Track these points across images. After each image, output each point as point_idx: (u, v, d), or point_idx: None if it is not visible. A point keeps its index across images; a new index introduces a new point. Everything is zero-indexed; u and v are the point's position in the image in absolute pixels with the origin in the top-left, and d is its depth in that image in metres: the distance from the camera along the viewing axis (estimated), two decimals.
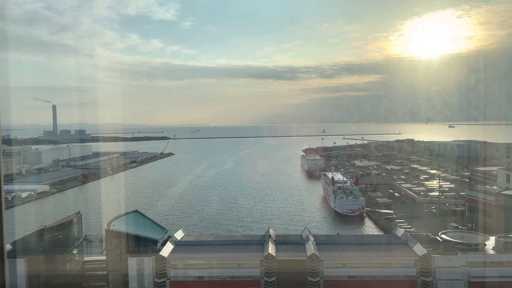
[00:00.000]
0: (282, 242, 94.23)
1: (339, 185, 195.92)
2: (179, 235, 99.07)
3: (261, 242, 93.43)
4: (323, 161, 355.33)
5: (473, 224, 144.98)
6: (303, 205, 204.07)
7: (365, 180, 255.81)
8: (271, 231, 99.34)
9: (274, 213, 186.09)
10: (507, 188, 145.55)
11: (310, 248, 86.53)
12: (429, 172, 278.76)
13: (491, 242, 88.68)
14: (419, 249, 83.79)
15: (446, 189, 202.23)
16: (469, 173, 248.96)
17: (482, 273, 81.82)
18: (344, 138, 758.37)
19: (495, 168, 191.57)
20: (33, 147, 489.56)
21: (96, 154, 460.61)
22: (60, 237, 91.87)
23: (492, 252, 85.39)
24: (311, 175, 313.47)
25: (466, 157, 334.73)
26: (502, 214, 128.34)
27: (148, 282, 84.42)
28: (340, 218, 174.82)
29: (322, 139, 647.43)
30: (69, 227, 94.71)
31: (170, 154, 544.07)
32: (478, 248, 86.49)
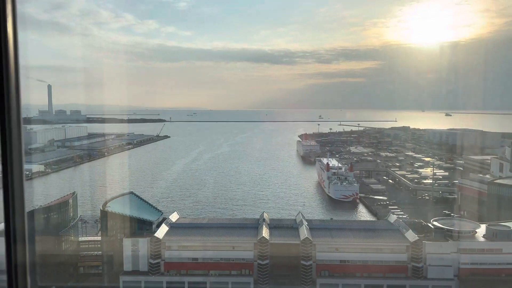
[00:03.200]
0: (276, 226, 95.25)
1: (334, 171, 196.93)
2: (174, 217, 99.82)
3: (255, 226, 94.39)
4: (319, 147, 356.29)
5: (465, 212, 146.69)
6: (298, 190, 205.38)
7: (359, 166, 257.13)
8: (266, 215, 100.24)
9: (269, 197, 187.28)
10: (500, 177, 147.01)
11: (304, 232, 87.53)
12: (424, 160, 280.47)
13: (481, 230, 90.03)
14: (411, 236, 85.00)
15: (440, 177, 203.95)
16: (463, 162, 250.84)
17: (471, 260, 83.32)
18: (340, 124, 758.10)
19: (489, 157, 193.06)
20: (28, 126, 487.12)
21: (92, 135, 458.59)
22: (55, 217, 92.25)
23: (482, 239, 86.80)
24: (306, 160, 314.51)
25: (461, 146, 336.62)
26: (494, 203, 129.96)
27: (143, 263, 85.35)
28: (334, 203, 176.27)
29: (318, 125, 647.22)
30: (65, 208, 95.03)
31: (166, 136, 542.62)
32: (468, 235, 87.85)
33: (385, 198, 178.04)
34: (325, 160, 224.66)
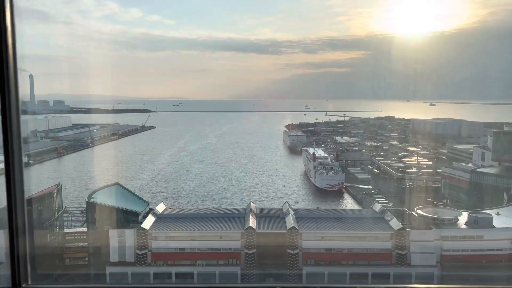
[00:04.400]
0: (262, 215, 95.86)
1: (320, 160, 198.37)
2: (160, 208, 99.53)
3: (242, 216, 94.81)
4: (305, 137, 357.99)
5: (448, 200, 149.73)
6: (284, 180, 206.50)
7: (345, 156, 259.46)
8: (252, 205, 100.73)
9: (256, 187, 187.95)
10: (482, 166, 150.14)
11: (290, 221, 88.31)
12: (408, 149, 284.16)
13: (463, 218, 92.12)
14: (395, 224, 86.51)
15: (424, 166, 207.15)
16: (446, 151, 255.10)
17: (454, 246, 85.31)
18: (326, 115, 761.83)
19: (471, 146, 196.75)
20: None
21: (76, 126, 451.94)
22: (39, 209, 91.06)
23: (464, 227, 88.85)
24: (293, 150, 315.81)
25: (445, 135, 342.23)
26: (476, 191, 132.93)
27: (129, 254, 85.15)
28: (320, 193, 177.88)
29: (305, 115, 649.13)
30: (49, 199, 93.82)
31: (151, 127, 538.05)
32: (451, 223, 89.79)
33: (370, 187, 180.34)
34: (311, 150, 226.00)
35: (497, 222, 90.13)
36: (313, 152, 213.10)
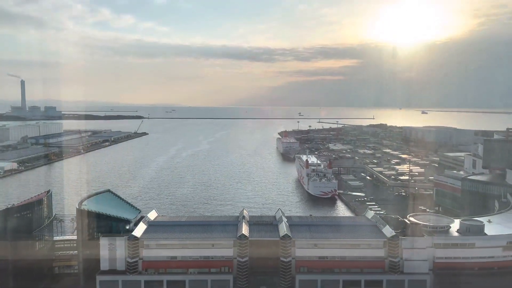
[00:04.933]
0: (255, 223, 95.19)
1: (313, 167, 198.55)
2: (152, 215, 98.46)
3: (235, 223, 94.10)
4: (298, 144, 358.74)
5: (440, 208, 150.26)
6: (277, 187, 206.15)
7: (338, 163, 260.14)
8: (245, 212, 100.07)
9: (249, 195, 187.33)
10: (473, 173, 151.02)
11: (283, 229, 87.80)
12: (400, 157, 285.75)
13: (455, 225, 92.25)
14: (388, 231, 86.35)
15: (416, 173, 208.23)
16: (438, 158, 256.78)
17: (446, 254, 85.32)
18: (319, 122, 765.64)
19: (462, 154, 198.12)
20: (0, 123, 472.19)
21: (67, 132, 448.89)
22: (29, 216, 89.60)
23: (456, 234, 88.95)
24: (286, 157, 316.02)
25: (436, 143, 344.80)
26: (467, 198, 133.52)
27: (120, 262, 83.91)
28: (313, 200, 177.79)
29: (298, 122, 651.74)
30: (39, 206, 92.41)
31: (144, 133, 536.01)
32: (443, 230, 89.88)
33: (363, 194, 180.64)
34: (304, 157, 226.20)
35: (489, 230, 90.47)
36: (306, 159, 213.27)
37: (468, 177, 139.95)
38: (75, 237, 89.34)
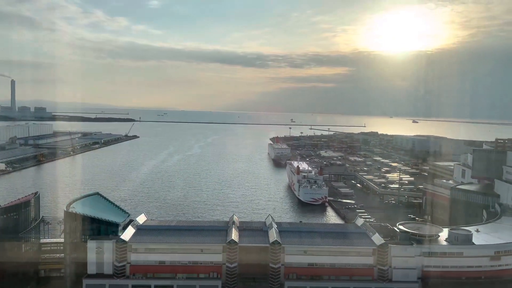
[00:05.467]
0: (245, 228, 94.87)
1: (304, 174, 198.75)
2: (141, 219, 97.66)
3: (225, 228, 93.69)
4: (290, 150, 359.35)
5: (429, 216, 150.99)
6: (268, 193, 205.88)
7: (329, 170, 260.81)
8: (235, 218, 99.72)
9: (239, 200, 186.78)
10: (462, 183, 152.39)
11: (273, 235, 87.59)
12: (391, 165, 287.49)
13: (444, 234, 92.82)
14: (377, 239, 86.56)
15: (406, 182, 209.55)
16: (428, 167, 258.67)
17: (434, 262, 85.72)
18: (311, 128, 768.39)
19: (452, 163, 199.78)
20: None
21: (57, 134, 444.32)
22: (15, 218, 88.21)
23: (444, 243, 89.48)
24: (277, 163, 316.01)
25: (426, 152, 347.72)
26: (456, 208, 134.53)
27: (107, 266, 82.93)
28: (304, 206, 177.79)
29: (290, 128, 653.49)
30: (26, 208, 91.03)
31: (135, 136, 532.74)
32: (432, 239, 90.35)
33: (353, 201, 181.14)
34: (295, 163, 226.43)
35: (477, 239, 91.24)
36: (298, 166, 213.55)
37: (457, 187, 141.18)
38: (62, 240, 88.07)
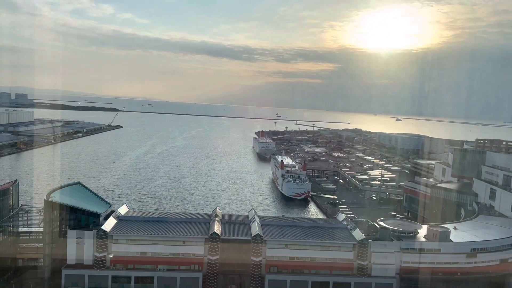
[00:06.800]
0: (228, 221, 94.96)
1: (288, 169, 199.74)
2: (123, 210, 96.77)
3: (207, 221, 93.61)
4: (274, 144, 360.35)
5: (409, 213, 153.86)
6: (252, 187, 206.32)
7: (313, 165, 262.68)
8: (218, 211, 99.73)
9: (223, 193, 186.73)
10: (442, 181, 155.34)
11: (255, 228, 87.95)
12: (373, 162, 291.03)
13: (423, 231, 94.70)
14: (358, 234, 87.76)
15: (388, 179, 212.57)
16: (410, 165, 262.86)
17: (413, 259, 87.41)
18: (296, 124, 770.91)
19: (433, 162, 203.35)
20: None
21: (39, 121, 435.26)
22: None
23: (423, 240, 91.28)
24: (261, 157, 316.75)
25: (409, 150, 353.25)
26: (436, 205, 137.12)
27: (87, 256, 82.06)
28: (287, 200, 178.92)
29: (275, 122, 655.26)
30: (4, 196, 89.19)
31: (118, 126, 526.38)
32: (411, 235, 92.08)
33: (335, 197, 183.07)
34: (280, 158, 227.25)
35: (454, 236, 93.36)
36: (282, 160, 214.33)
37: (437, 185, 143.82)
38: (41, 229, 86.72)
